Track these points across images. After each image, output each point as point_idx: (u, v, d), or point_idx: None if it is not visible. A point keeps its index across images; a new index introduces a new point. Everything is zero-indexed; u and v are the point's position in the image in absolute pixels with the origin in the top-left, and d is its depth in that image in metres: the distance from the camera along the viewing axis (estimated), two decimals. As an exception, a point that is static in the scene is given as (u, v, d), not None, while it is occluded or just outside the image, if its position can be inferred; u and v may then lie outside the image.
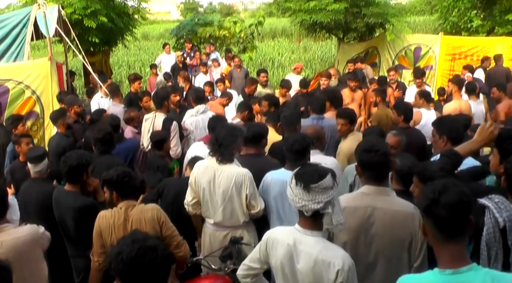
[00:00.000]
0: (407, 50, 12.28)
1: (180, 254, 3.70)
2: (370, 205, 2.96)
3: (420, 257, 2.87)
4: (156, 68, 12.94)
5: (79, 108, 6.97)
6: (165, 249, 2.24)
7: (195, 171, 4.18)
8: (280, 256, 2.66)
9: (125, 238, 2.26)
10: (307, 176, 2.53)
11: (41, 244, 3.44)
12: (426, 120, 6.52)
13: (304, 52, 25.41)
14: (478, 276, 1.99)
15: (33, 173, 4.56)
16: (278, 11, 15.51)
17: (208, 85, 9.63)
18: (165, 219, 3.63)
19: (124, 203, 3.60)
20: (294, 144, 3.99)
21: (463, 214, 2.01)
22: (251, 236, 4.21)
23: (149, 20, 27.28)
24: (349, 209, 2.91)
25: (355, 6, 12.30)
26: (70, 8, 10.77)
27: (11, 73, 7.33)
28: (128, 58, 23.98)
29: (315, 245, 2.56)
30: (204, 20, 17.28)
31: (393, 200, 3.02)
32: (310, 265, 2.54)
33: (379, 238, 2.92)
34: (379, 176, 3.02)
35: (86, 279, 3.90)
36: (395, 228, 2.88)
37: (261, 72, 9.39)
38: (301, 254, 2.58)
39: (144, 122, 6.39)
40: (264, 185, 4.16)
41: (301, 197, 2.51)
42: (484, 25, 13.84)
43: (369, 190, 3.02)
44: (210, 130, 5.28)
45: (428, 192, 2.07)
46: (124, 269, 2.10)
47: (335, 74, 9.69)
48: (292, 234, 2.64)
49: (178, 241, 3.68)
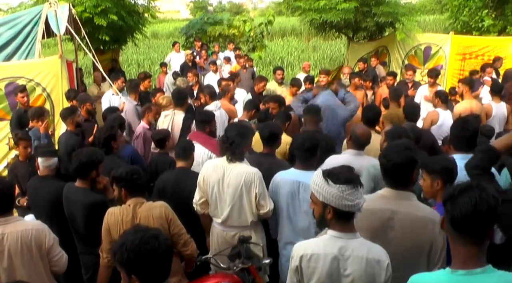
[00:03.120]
0: (417, 50, 12.18)
1: (187, 253, 3.72)
2: (390, 208, 2.91)
3: (439, 264, 2.82)
4: (166, 67, 12.95)
5: (91, 106, 7.00)
6: (166, 238, 2.30)
7: (204, 169, 4.18)
8: (325, 270, 2.52)
9: (127, 230, 2.34)
10: (350, 174, 2.50)
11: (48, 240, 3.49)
12: (443, 120, 6.49)
13: (313, 51, 25.32)
14: (491, 278, 1.95)
15: (42, 168, 4.53)
16: (287, 10, 15.45)
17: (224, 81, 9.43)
18: (173, 216, 3.65)
19: (132, 200, 3.62)
20: (305, 142, 3.98)
21: (481, 218, 1.92)
22: (259, 236, 4.21)
23: (159, 19, 27.39)
24: (367, 211, 2.86)
25: (365, 5, 12.23)
26: (80, 7, 10.80)
27: (22, 71, 7.39)
28: (137, 57, 24.07)
29: (361, 247, 2.52)
30: (214, 19, 17.31)
31: (414, 204, 2.96)
32: (362, 268, 2.48)
33: (398, 242, 2.87)
34: (399, 181, 2.96)
35: (95, 276, 3.92)
36: (415, 233, 2.83)
37: (277, 70, 9.37)
38: (349, 260, 2.50)
39: (163, 118, 6.45)
40: (273, 185, 4.13)
41: (354, 196, 2.44)
42: (496, 24, 13.70)
43: (389, 193, 2.97)
44: (202, 125, 5.39)
45: (451, 188, 2.02)
46: (129, 258, 2.16)
47: (349, 72, 9.64)
48: (333, 243, 2.53)
49: (186, 239, 3.70)
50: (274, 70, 9.58)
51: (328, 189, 2.46)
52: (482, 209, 1.90)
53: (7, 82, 7.29)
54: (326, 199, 2.49)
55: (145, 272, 2.17)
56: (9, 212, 3.45)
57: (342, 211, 2.46)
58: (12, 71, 7.38)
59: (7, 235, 3.35)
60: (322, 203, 2.52)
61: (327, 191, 2.47)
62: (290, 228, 4.03)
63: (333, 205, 2.47)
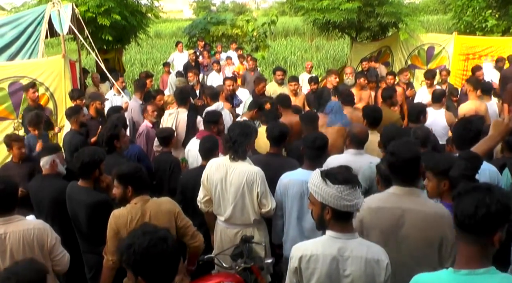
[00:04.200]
0: (420, 50, 12.16)
1: (195, 244, 3.74)
2: (400, 206, 2.90)
3: (450, 259, 2.81)
4: (169, 67, 12.96)
5: (101, 105, 7.01)
6: (174, 240, 2.28)
7: (208, 168, 4.20)
8: (324, 271, 2.52)
9: (135, 230, 2.31)
10: (348, 174, 2.50)
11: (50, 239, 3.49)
12: (433, 120, 6.44)
13: (316, 51, 25.33)
14: (493, 280, 1.94)
15: (42, 168, 4.51)
16: (290, 10, 15.47)
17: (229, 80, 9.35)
18: (179, 210, 3.68)
19: (138, 198, 3.62)
20: (316, 140, 3.99)
21: (481, 219, 1.91)
22: (262, 235, 4.22)
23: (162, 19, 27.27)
24: (377, 209, 2.88)
25: (368, 5, 12.22)
26: (84, 6, 10.84)
27: (26, 71, 7.42)
28: (140, 56, 24.11)
29: (360, 247, 2.52)
30: (217, 19, 17.33)
31: (423, 201, 2.95)
32: (361, 268, 2.48)
33: (410, 239, 2.86)
34: (408, 177, 2.95)
35: (98, 275, 3.92)
36: (426, 230, 2.82)
37: (277, 70, 9.21)
38: (348, 260, 2.50)
39: (167, 116, 6.48)
40: (281, 186, 4.09)
41: (352, 196, 2.44)
42: (499, 25, 13.66)
43: (398, 190, 2.96)
44: (208, 125, 5.42)
45: (461, 186, 2.02)
46: (136, 260, 2.14)
47: (352, 72, 9.62)
48: (332, 243, 2.53)
49: (193, 232, 3.73)
50: (274, 71, 9.41)
51: (326, 189, 2.46)
52: (482, 211, 1.90)
53: (10, 81, 7.32)
54: (324, 199, 2.48)
55: (152, 274, 2.16)
56: (12, 212, 3.44)
57: (341, 211, 2.46)
58: (15, 70, 7.40)
59: (9, 235, 3.35)
60: (321, 204, 2.51)
61: (326, 191, 2.47)
62: (297, 229, 4.01)
63: (332, 205, 2.46)
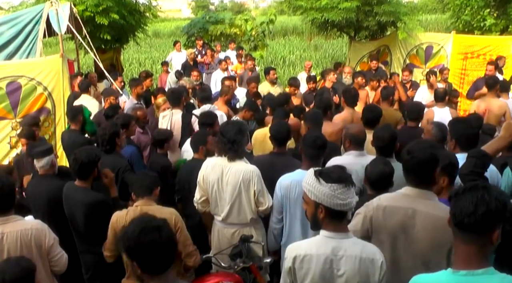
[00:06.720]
0: (418, 49, 12.16)
1: (189, 264, 3.71)
2: (411, 207, 2.86)
3: None
4: (167, 66, 12.94)
5: (115, 100, 7.09)
6: (170, 230, 2.28)
7: (203, 169, 4.18)
8: (318, 271, 2.50)
9: (134, 219, 2.36)
10: (342, 173, 2.49)
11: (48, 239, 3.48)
12: (439, 119, 6.44)
13: (315, 50, 25.30)
14: (492, 280, 1.93)
15: (38, 169, 4.50)
16: (289, 9, 15.39)
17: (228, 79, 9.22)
18: (182, 225, 3.65)
19: (141, 201, 3.62)
20: (316, 139, 3.93)
21: (479, 218, 1.91)
22: (259, 234, 4.21)
23: (160, 18, 27.34)
24: (389, 208, 2.86)
25: (366, 4, 12.21)
26: (82, 6, 10.82)
27: (24, 70, 7.37)
28: (139, 56, 24.07)
29: (354, 246, 2.50)
30: (215, 18, 17.29)
31: (435, 204, 2.90)
32: (356, 267, 2.46)
33: (419, 241, 2.83)
34: (421, 179, 2.90)
35: (95, 275, 3.92)
36: (436, 233, 2.77)
37: (270, 70, 9.13)
38: (342, 260, 2.48)
39: (161, 119, 6.43)
40: (282, 188, 3.98)
41: (345, 195, 2.43)
42: (498, 24, 13.67)
43: (411, 191, 2.92)
44: (203, 127, 5.40)
45: (459, 186, 2.03)
46: (129, 246, 2.19)
47: (350, 72, 9.60)
48: (326, 243, 2.52)
49: (191, 251, 3.68)
50: (266, 70, 9.26)
51: (320, 188, 2.46)
52: (481, 209, 1.90)
53: (8, 81, 7.27)
54: (318, 198, 2.47)
55: (144, 261, 2.19)
56: (9, 211, 3.44)
57: (334, 210, 2.45)
58: (13, 70, 7.36)
59: (6, 235, 3.34)
60: (314, 202, 2.50)
61: (319, 189, 2.46)
62: (301, 231, 3.93)
63: (325, 204, 2.45)
